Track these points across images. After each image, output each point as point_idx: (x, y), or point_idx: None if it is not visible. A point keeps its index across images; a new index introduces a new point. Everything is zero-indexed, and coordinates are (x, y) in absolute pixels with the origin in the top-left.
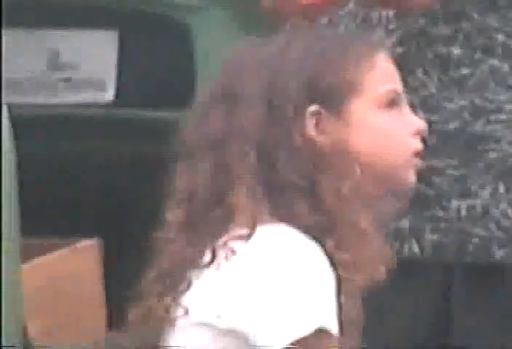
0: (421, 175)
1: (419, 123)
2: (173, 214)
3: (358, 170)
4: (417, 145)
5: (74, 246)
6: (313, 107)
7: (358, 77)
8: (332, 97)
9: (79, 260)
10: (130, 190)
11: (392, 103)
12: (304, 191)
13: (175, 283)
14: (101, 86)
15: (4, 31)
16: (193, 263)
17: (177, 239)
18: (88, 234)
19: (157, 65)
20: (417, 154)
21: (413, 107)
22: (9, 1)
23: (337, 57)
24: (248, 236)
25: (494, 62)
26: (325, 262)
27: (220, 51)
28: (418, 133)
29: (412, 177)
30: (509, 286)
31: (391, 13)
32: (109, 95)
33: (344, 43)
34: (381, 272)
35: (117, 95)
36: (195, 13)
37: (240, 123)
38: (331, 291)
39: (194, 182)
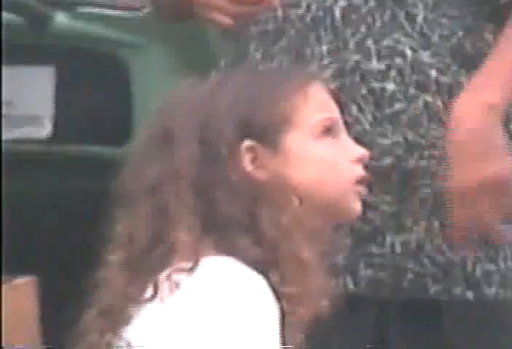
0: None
1: (359, 150)
2: (114, 256)
3: (297, 202)
4: (359, 171)
5: (11, 284)
6: (248, 143)
7: (292, 110)
8: (266, 132)
9: (16, 298)
10: (69, 225)
11: (329, 132)
12: (245, 225)
13: (117, 318)
14: (38, 122)
15: None
16: (135, 299)
17: (118, 278)
18: (25, 271)
19: (95, 102)
20: (360, 181)
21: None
22: None
23: (269, 92)
24: (191, 269)
25: (428, 97)
26: (269, 295)
27: (158, 88)
28: (359, 160)
29: (356, 205)
30: (444, 322)
31: (325, 48)
32: (47, 130)
33: (276, 77)
34: (324, 305)
35: (55, 130)
36: (134, 50)
37: (175, 164)
38: (274, 324)
39: (134, 224)
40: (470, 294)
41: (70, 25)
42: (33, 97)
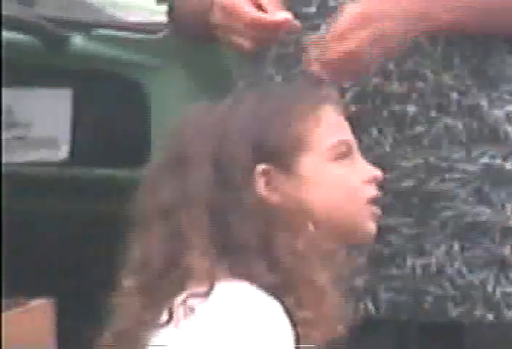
0: (376, 233)
1: (372, 170)
2: (128, 281)
3: (312, 226)
4: (372, 192)
5: (27, 306)
6: (262, 167)
7: (305, 133)
8: (280, 155)
9: (32, 320)
10: (85, 248)
11: (342, 154)
12: (260, 250)
13: (132, 343)
14: (54, 144)
15: None
16: (150, 324)
17: (132, 303)
18: (41, 293)
19: (112, 124)
20: (373, 201)
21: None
22: None
23: (282, 115)
24: (206, 294)
25: (448, 120)
26: (284, 320)
27: (175, 110)
28: (372, 180)
29: (371, 226)
30: (465, 345)
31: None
32: (63, 153)
33: (288, 100)
34: (340, 330)
35: (71, 153)
36: (151, 72)
37: (189, 188)
38: None
39: (148, 249)
40: (490, 317)
41: (86, 47)
42: (49, 120)
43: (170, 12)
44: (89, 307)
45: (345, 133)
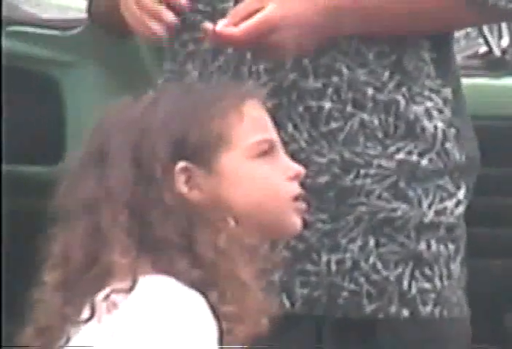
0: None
1: (295, 167)
2: (49, 276)
3: (233, 222)
4: (295, 189)
5: None
6: (182, 164)
7: (226, 129)
8: (201, 153)
9: None
10: (5, 246)
11: (265, 152)
12: (182, 247)
13: (54, 339)
14: None
15: None
16: (72, 319)
17: (53, 299)
18: None
19: (27, 121)
20: (297, 198)
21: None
22: None
23: (203, 111)
24: (129, 289)
25: (364, 116)
26: (208, 314)
27: (90, 107)
28: (295, 177)
29: (296, 222)
30: (379, 340)
31: (262, 67)
32: None
33: (210, 95)
34: (263, 324)
35: None
36: (66, 69)
37: (109, 184)
38: (213, 343)
39: (69, 243)
40: (405, 313)
41: (1, 43)
42: None
43: (90, 5)
44: (12, 303)
45: (268, 130)
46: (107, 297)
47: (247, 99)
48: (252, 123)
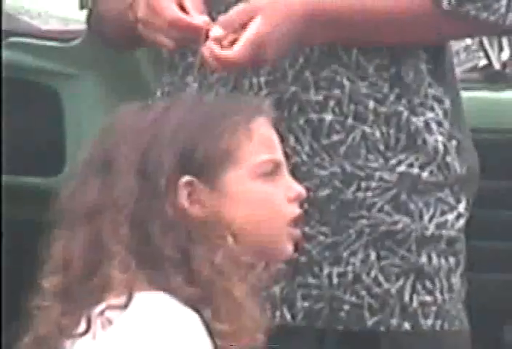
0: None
1: (297, 188)
2: (48, 282)
3: (231, 240)
4: (295, 211)
5: None
6: (186, 178)
7: (234, 148)
8: (206, 168)
9: None
10: (5, 255)
11: (270, 172)
12: (178, 263)
13: None
14: None
15: None
16: (68, 332)
17: (52, 307)
18: None
19: (27, 132)
20: (295, 221)
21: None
22: None
23: (213, 127)
24: (124, 306)
25: (365, 128)
26: (202, 332)
27: (90, 118)
28: (296, 199)
29: (288, 248)
30: None
31: (263, 79)
32: None
33: (220, 111)
34: (258, 340)
35: None
36: (65, 80)
37: (113, 194)
38: None
39: (70, 251)
40: (407, 326)
41: (2, 54)
42: None
43: (89, 17)
44: (13, 311)
45: (275, 149)
46: (102, 312)
47: (257, 116)
48: (260, 142)
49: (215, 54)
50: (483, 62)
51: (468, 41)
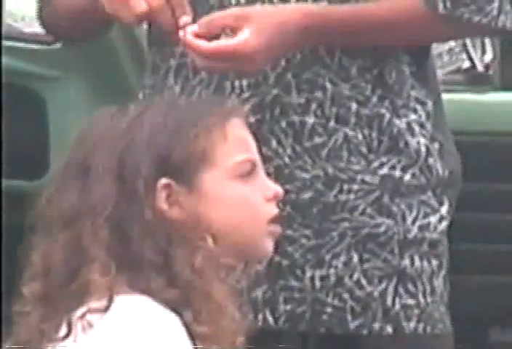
0: (275, 245)
1: (274, 188)
2: (29, 288)
3: (211, 242)
4: (273, 210)
5: None
6: (164, 181)
7: (210, 149)
8: (183, 170)
9: None
10: None
11: (246, 172)
12: (159, 266)
13: None
14: None
15: None
16: (49, 337)
17: (32, 313)
18: None
19: (10, 135)
20: (273, 220)
21: (267, 176)
22: None
23: (188, 129)
24: (105, 309)
25: (348, 131)
26: (182, 334)
27: (74, 121)
28: (274, 198)
29: (268, 246)
30: None
31: (245, 82)
32: None
33: (195, 113)
34: (239, 343)
35: None
36: (49, 83)
37: (91, 198)
38: None
39: (49, 257)
40: (389, 329)
41: None
42: None
43: (40, 12)
44: None
45: (251, 150)
46: (83, 316)
47: (232, 117)
48: (235, 142)
49: (187, 40)
50: (466, 64)
51: (452, 43)
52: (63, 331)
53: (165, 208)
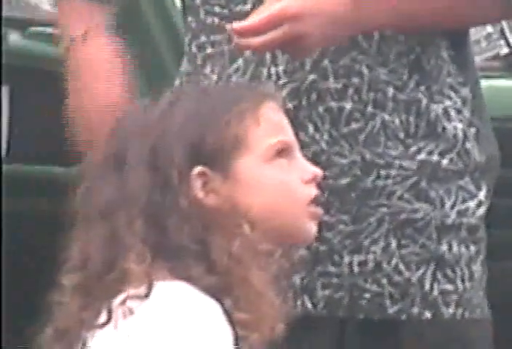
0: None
1: (312, 169)
2: (68, 279)
3: (248, 228)
4: (312, 192)
5: None
6: (198, 169)
7: (243, 134)
8: (217, 157)
9: None
10: (25, 248)
11: (281, 155)
12: (197, 254)
13: (72, 342)
14: None
15: None
16: (89, 324)
17: (71, 302)
18: None
19: (49, 121)
20: (313, 202)
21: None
22: None
23: (220, 115)
24: (145, 295)
25: (385, 116)
26: (223, 321)
27: None
28: (312, 180)
29: (312, 227)
30: (401, 342)
31: (281, 68)
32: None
33: (227, 99)
34: (278, 329)
35: (8, 151)
36: None
37: (127, 190)
38: None
39: (88, 247)
40: (428, 314)
41: (23, 44)
42: None
43: None
44: (32, 306)
45: (286, 132)
46: (123, 302)
47: (265, 102)
48: (268, 126)
49: (237, 28)
50: (504, 50)
51: (489, 29)
52: (103, 318)
53: (201, 196)
